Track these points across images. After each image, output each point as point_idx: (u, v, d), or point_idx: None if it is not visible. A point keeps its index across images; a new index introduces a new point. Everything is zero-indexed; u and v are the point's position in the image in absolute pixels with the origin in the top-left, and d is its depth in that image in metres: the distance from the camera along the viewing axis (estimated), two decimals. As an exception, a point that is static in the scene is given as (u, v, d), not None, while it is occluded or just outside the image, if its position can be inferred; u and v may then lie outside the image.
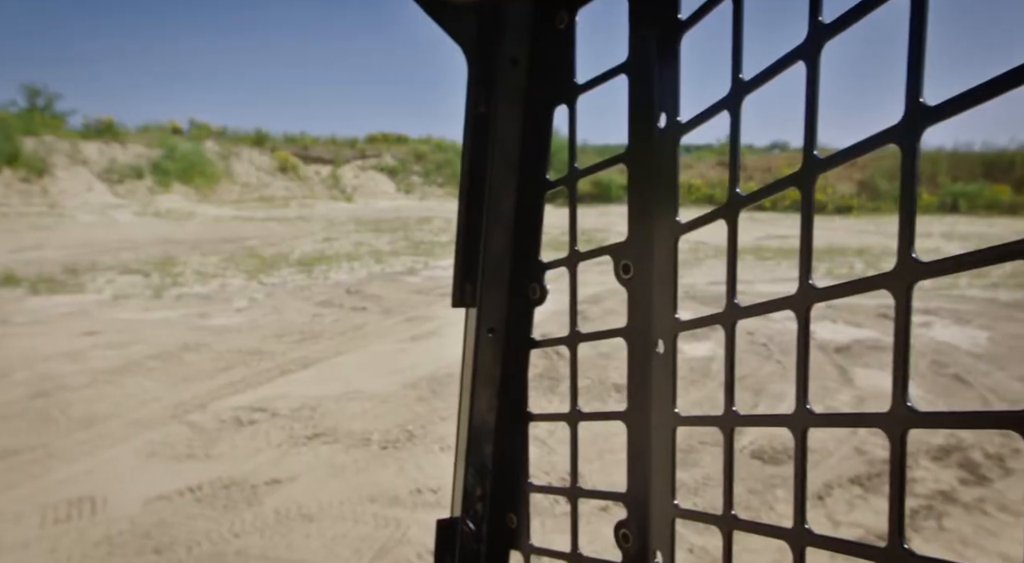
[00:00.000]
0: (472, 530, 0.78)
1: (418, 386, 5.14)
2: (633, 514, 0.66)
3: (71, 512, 3.28)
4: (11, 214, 17.54)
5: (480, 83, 0.73)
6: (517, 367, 0.77)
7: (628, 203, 0.65)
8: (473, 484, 0.78)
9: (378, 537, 3.07)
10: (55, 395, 4.86)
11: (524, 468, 0.77)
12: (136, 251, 12.48)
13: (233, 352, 6.00)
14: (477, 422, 0.78)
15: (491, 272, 0.75)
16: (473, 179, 0.74)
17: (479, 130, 0.74)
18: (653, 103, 0.61)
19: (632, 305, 0.65)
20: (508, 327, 0.76)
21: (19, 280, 9.24)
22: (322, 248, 13.42)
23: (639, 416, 0.66)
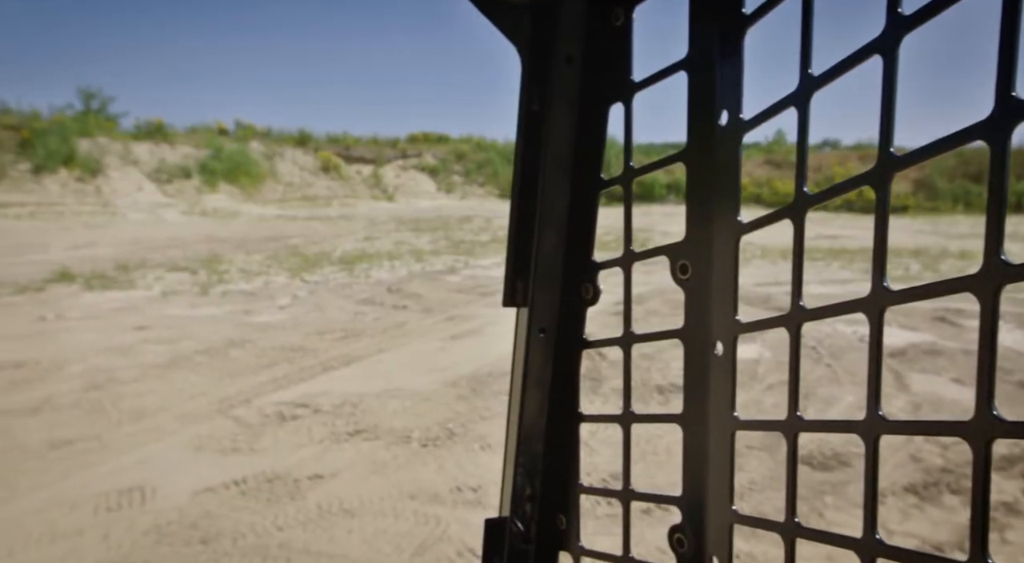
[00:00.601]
0: (521, 530, 0.77)
1: (458, 385, 5.15)
2: (688, 518, 0.64)
3: (122, 501, 3.36)
4: (67, 213, 18.15)
5: (534, 81, 0.71)
6: (569, 367, 0.75)
7: (686, 202, 0.63)
8: (522, 484, 0.77)
9: (418, 534, 3.07)
10: (107, 388, 5.00)
11: (575, 469, 0.76)
12: (184, 249, 12.79)
13: (276, 349, 6.09)
14: (527, 422, 0.77)
15: (543, 272, 0.74)
16: (526, 178, 0.73)
17: (532, 129, 0.72)
18: (714, 100, 0.59)
19: (689, 306, 0.63)
20: (560, 327, 0.75)
21: (74, 276, 9.55)
22: (363, 247, 13.58)
23: (696, 419, 0.63)
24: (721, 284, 0.61)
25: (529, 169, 0.73)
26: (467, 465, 3.79)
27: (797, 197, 0.54)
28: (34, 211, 17.71)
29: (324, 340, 6.41)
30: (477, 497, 3.41)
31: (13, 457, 3.82)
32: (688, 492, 0.64)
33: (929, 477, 3.55)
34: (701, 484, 0.63)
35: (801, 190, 0.53)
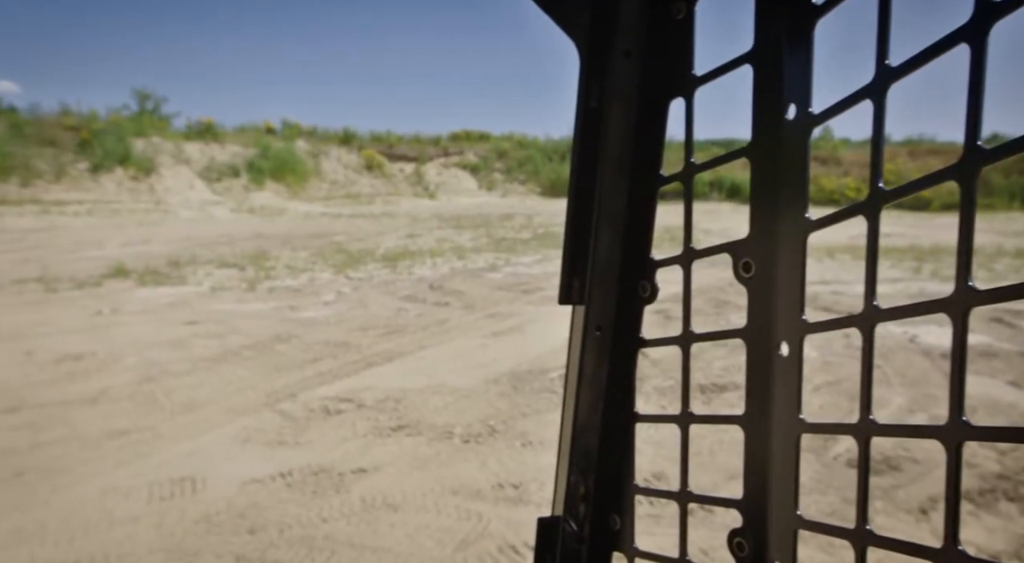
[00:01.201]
0: (574, 530, 0.77)
1: (500, 382, 5.17)
2: (750, 522, 0.63)
3: (174, 490, 3.47)
4: (122, 210, 18.76)
5: (592, 76, 0.71)
6: (625, 366, 0.75)
7: (751, 199, 0.62)
8: (576, 483, 0.77)
9: (460, 529, 3.10)
10: (160, 380, 5.16)
11: (630, 469, 0.75)
12: (232, 246, 13.09)
13: (321, 344, 6.20)
14: (582, 421, 0.77)
15: (600, 269, 0.74)
16: (583, 174, 0.73)
17: (590, 124, 0.72)
18: (782, 94, 0.58)
19: (753, 305, 0.62)
20: (616, 325, 0.74)
21: (128, 272, 9.86)
22: (406, 244, 13.71)
23: (758, 421, 0.63)
24: (787, 283, 0.60)
25: (586, 166, 0.73)
26: (508, 462, 3.81)
27: (872, 192, 0.53)
28: (91, 209, 18.34)
29: (367, 336, 6.50)
30: (518, 494, 3.42)
31: (73, 446, 3.98)
32: (750, 495, 0.63)
33: (984, 483, 3.44)
34: (763, 487, 0.62)
35: (877, 185, 0.52)
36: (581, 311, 0.76)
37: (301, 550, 2.92)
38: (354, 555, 2.88)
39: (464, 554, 2.90)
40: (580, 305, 0.76)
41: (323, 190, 25.50)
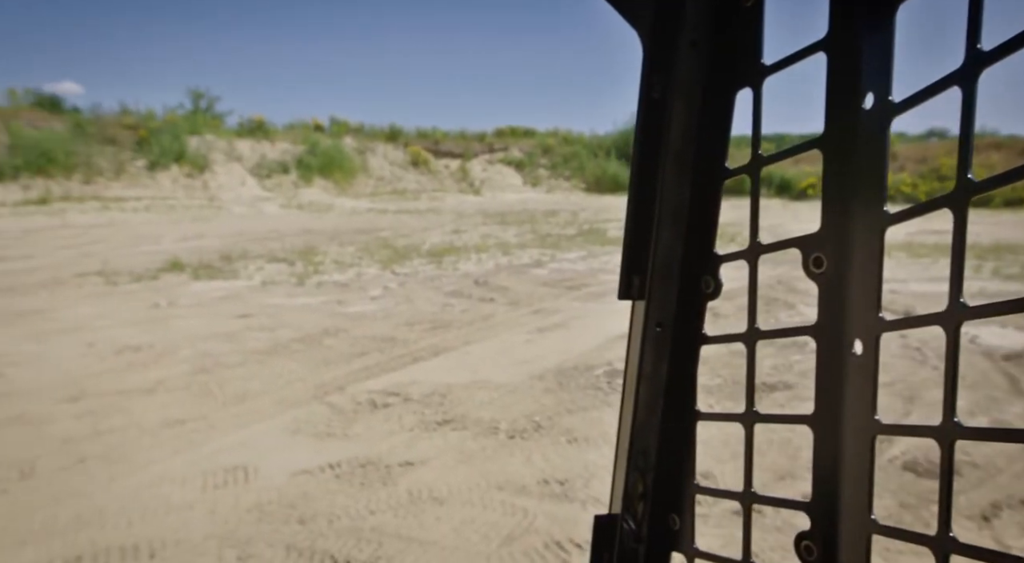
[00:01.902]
0: (632, 529, 0.75)
1: (545, 378, 5.16)
2: (818, 526, 0.61)
3: (227, 479, 3.56)
4: (177, 206, 19.32)
5: (656, 68, 0.69)
6: (686, 363, 0.73)
7: (823, 192, 0.59)
8: (634, 482, 0.76)
9: (505, 524, 3.10)
10: (214, 372, 5.29)
11: (690, 468, 0.73)
12: (282, 241, 13.36)
13: (368, 338, 6.28)
14: (641, 418, 0.75)
15: (662, 264, 0.72)
16: (645, 167, 0.71)
17: (653, 117, 0.70)
18: (859, 82, 0.56)
19: (824, 302, 0.60)
20: (678, 322, 0.72)
21: (184, 266, 10.15)
22: (451, 240, 13.80)
23: (829, 421, 0.60)
24: (862, 279, 0.57)
25: (649, 159, 0.71)
26: (554, 458, 3.79)
27: (959, 184, 0.50)
28: (149, 205, 18.94)
29: (413, 331, 6.55)
30: (564, 491, 3.41)
31: (131, 434, 4.11)
32: (819, 498, 0.61)
33: (1052, 491, 3.29)
34: (834, 490, 0.60)
35: (965, 177, 0.50)
36: (641, 307, 0.74)
37: (349, 541, 2.96)
38: (401, 547, 2.91)
39: (510, 549, 2.90)
40: (640, 301, 0.74)
41: (370, 186, 25.83)
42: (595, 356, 5.70)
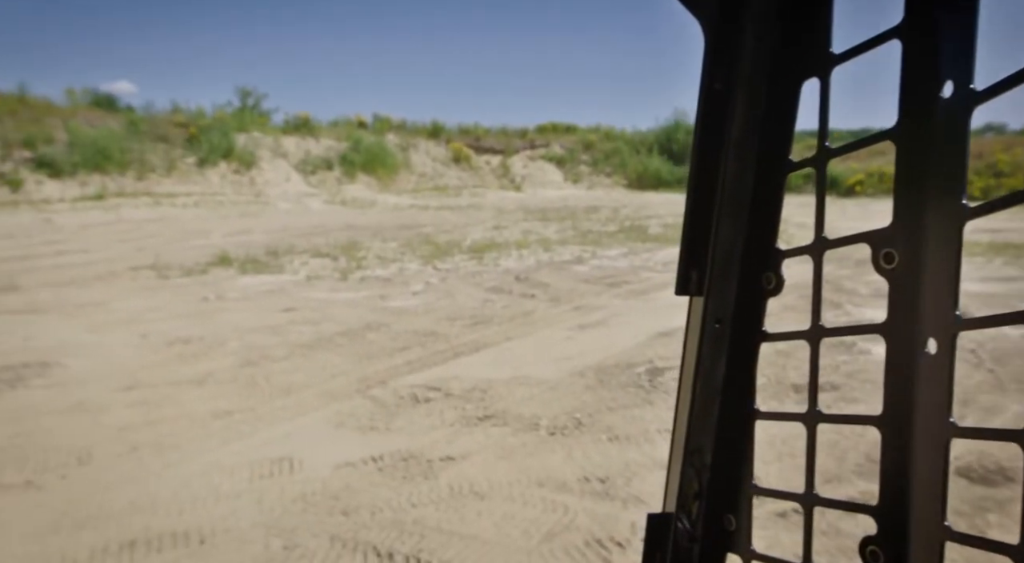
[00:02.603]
0: (687, 528, 0.74)
1: (585, 375, 5.14)
2: (886, 531, 0.60)
3: (273, 470, 3.64)
4: (225, 202, 19.77)
5: (718, 58, 0.68)
6: (745, 361, 0.72)
7: (895, 185, 0.58)
8: (690, 481, 0.75)
9: (546, 521, 3.11)
10: (260, 364, 5.41)
11: (748, 468, 0.72)
12: (326, 236, 13.57)
13: (410, 333, 6.34)
14: (697, 416, 0.74)
15: (721, 259, 0.71)
16: (705, 160, 0.70)
17: (714, 108, 0.69)
18: (937, 71, 0.53)
19: (895, 299, 0.58)
20: (737, 318, 0.71)
21: (231, 260, 10.39)
22: (492, 236, 13.83)
23: (899, 423, 0.58)
24: (938, 275, 0.55)
25: (709, 152, 0.70)
26: (594, 456, 3.78)
27: None
28: (198, 200, 19.42)
29: (455, 326, 6.60)
30: (605, 488, 3.40)
31: (183, 424, 4.23)
32: (887, 502, 0.59)
33: (1116, 501, 3.15)
34: (904, 494, 0.58)
35: None
36: (700, 303, 0.73)
37: (392, 533, 3.00)
38: (442, 540, 2.93)
39: (550, 546, 2.90)
40: (699, 296, 0.73)
41: (412, 182, 26.05)
42: (636, 354, 5.66)
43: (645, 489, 3.39)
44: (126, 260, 10.57)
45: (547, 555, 2.84)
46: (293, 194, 21.82)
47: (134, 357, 5.61)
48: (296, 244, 12.37)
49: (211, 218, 16.98)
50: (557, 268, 9.98)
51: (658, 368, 5.26)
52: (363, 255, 11.18)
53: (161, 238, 13.24)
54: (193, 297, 7.97)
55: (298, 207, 20.09)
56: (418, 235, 13.90)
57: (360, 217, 17.77)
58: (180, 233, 14.06)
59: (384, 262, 10.51)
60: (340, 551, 2.87)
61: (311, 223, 16.11)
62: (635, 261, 10.68)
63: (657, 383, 4.93)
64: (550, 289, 8.44)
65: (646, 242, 12.85)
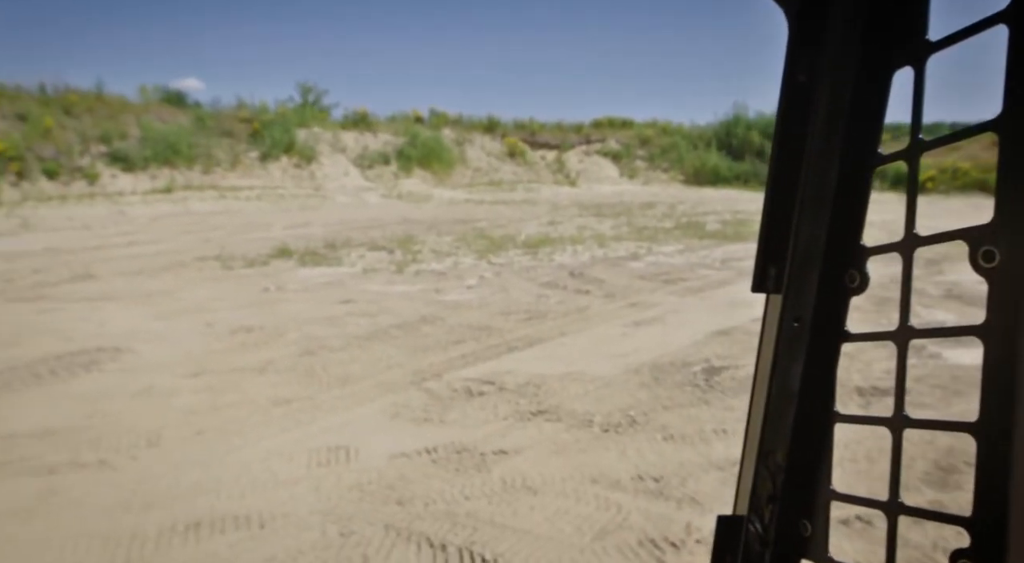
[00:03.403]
0: (759, 532, 0.72)
1: (640, 372, 5.09)
2: (980, 545, 0.56)
3: (330, 458, 3.71)
4: (286, 195, 20.26)
5: (803, 47, 0.65)
6: (825, 361, 0.69)
7: (998, 179, 0.54)
8: (763, 483, 0.72)
9: (599, 519, 3.09)
10: (318, 354, 5.53)
11: (826, 472, 0.69)
12: (382, 229, 13.77)
13: (464, 327, 6.38)
14: (773, 417, 0.72)
15: (802, 256, 0.68)
16: (788, 153, 0.68)
17: (798, 99, 0.67)
18: None
19: (995, 299, 0.55)
20: (818, 317, 0.68)
21: (291, 252, 10.65)
22: (546, 231, 13.81)
23: (997, 430, 0.55)
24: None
25: (791, 144, 0.67)
26: (649, 454, 3.74)
27: None
28: (260, 194, 19.96)
29: (509, 320, 6.61)
30: (659, 488, 3.35)
31: (244, 410, 4.36)
32: (982, 514, 0.56)
33: None
34: (1002, 506, 0.55)
35: None
36: (778, 300, 0.71)
37: (445, 524, 3.03)
38: (495, 534, 2.95)
39: (603, 543, 2.88)
40: (776, 294, 0.71)
41: (467, 177, 26.20)
42: (692, 352, 5.57)
43: (700, 490, 3.34)
44: (192, 251, 10.95)
45: (599, 553, 2.82)
46: (351, 188, 22.21)
47: (200, 344, 5.81)
48: (353, 237, 12.60)
49: (272, 211, 17.44)
50: (612, 264, 9.90)
51: (715, 367, 5.16)
52: (418, 249, 11.30)
53: (225, 230, 13.66)
54: (255, 287, 8.20)
55: (355, 201, 20.45)
56: (473, 230, 13.97)
57: (415, 211, 17.98)
58: (243, 225, 14.48)
59: (439, 256, 10.61)
60: (395, 540, 2.91)
61: (368, 217, 16.37)
62: (692, 258, 10.51)
63: (714, 382, 4.85)
64: (605, 285, 8.38)
65: (703, 239, 12.62)
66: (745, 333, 6.04)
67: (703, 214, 17.25)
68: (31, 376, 4.95)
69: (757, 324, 3.26)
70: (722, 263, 10.06)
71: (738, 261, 10.23)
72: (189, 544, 2.89)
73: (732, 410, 4.36)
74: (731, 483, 3.40)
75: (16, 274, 8.95)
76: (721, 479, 3.45)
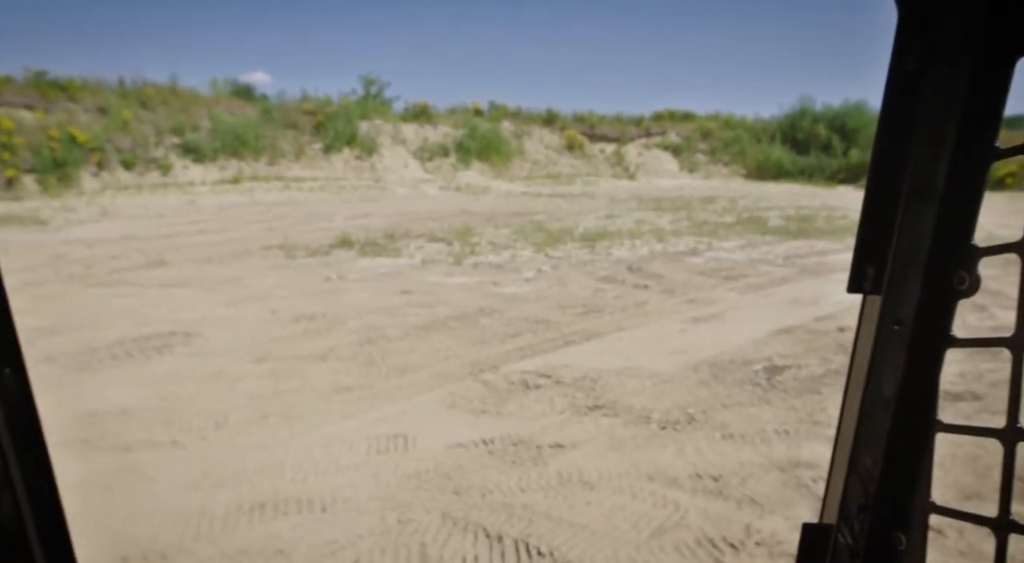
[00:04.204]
0: (848, 543, 0.70)
1: (699, 369, 5.00)
2: None
3: (389, 445, 3.78)
4: (347, 187, 20.66)
5: (912, 35, 0.61)
6: (927, 367, 0.66)
7: None
8: (855, 492, 0.70)
9: (656, 516, 3.06)
10: (377, 343, 5.63)
11: (925, 483, 0.66)
12: (440, 221, 13.90)
13: (521, 319, 6.40)
14: (868, 423, 0.69)
15: (905, 255, 0.65)
16: (892, 146, 0.64)
17: (906, 89, 0.63)
18: None
19: None
20: (920, 320, 0.65)
21: (352, 243, 10.85)
22: (604, 224, 13.70)
23: None
24: None
25: (897, 137, 0.64)
26: (707, 453, 3.68)
27: None
28: (323, 185, 20.40)
29: (566, 314, 6.59)
30: (718, 487, 3.30)
31: (307, 396, 4.47)
32: None
33: None
34: None
35: None
36: (876, 302, 0.67)
37: (501, 515, 3.05)
38: (551, 527, 2.95)
39: (660, 541, 2.86)
40: (875, 295, 0.67)
41: (525, 169, 26.20)
42: (753, 350, 5.45)
43: (761, 491, 3.27)
44: (258, 240, 11.28)
45: (656, 550, 2.79)
46: (410, 180, 22.49)
47: (264, 331, 5.98)
48: (412, 228, 12.75)
49: (334, 202, 17.80)
50: (671, 259, 9.76)
51: (777, 366, 5.04)
52: (476, 241, 11.37)
53: (289, 220, 14.02)
54: (317, 277, 8.39)
55: (415, 192, 20.69)
56: (530, 222, 13.97)
57: (474, 203, 18.08)
58: (306, 215, 14.83)
59: (496, 248, 10.64)
60: (451, 529, 2.94)
61: (427, 208, 16.55)
62: (753, 254, 10.26)
63: (776, 382, 4.73)
64: (663, 280, 8.27)
65: (766, 235, 12.32)
66: (809, 332, 5.88)
67: (765, 209, 16.82)
68: (110, 358, 5.20)
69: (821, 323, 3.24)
70: (785, 260, 9.79)
71: (801, 258, 9.94)
72: (254, 524, 2.99)
73: (795, 410, 4.25)
74: (793, 486, 3.32)
75: (96, 260, 9.39)
76: (783, 481, 3.37)
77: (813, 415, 4.17)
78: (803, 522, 0.74)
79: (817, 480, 3.37)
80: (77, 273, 8.54)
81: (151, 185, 17.94)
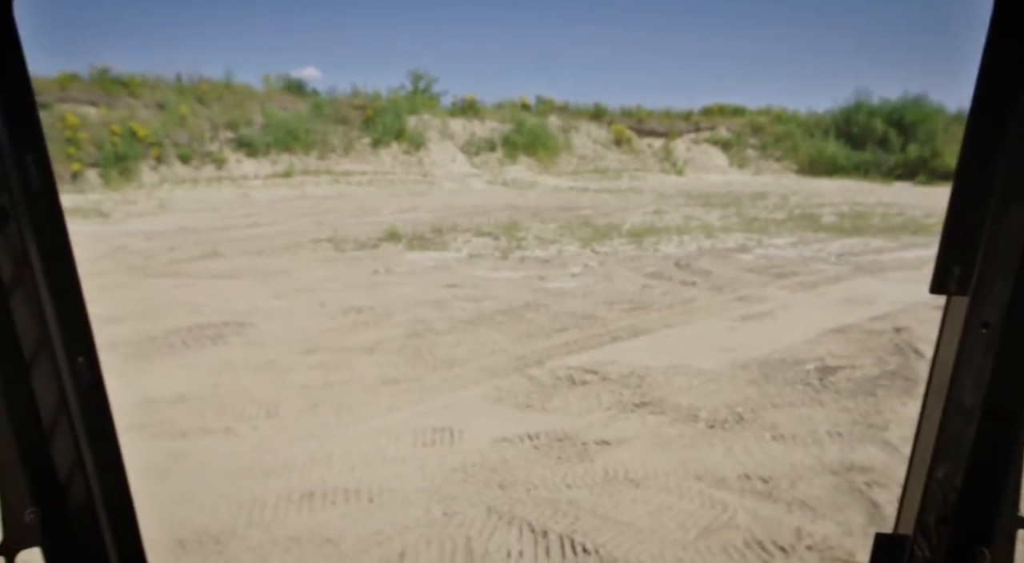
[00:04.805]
0: (926, 556, 0.67)
1: (748, 368, 4.91)
2: None
3: (435, 438, 3.81)
4: (396, 181, 20.88)
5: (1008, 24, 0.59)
6: (1018, 372, 0.62)
7: None
8: (934, 502, 0.67)
9: (703, 516, 3.01)
10: (425, 337, 5.68)
11: (1013, 496, 0.63)
12: (487, 216, 13.94)
13: (568, 314, 6.37)
14: (949, 431, 0.66)
15: (995, 255, 0.61)
16: (982, 140, 0.61)
17: (999, 80, 0.60)
18: None
19: None
20: (1011, 323, 0.62)
21: (400, 236, 10.96)
22: (652, 220, 13.55)
23: None
24: None
25: (988, 132, 0.61)
26: (756, 453, 3.61)
27: None
28: (371, 179, 20.66)
29: (612, 310, 6.55)
30: (767, 489, 3.23)
31: (355, 388, 4.54)
32: None
33: None
34: None
35: None
36: (962, 303, 0.64)
37: (546, 511, 3.04)
38: (596, 524, 2.93)
39: (707, 542, 2.81)
40: (961, 296, 0.64)
41: (572, 164, 26.08)
42: (805, 350, 5.32)
43: (812, 494, 3.19)
44: (308, 233, 11.49)
45: (703, 551, 2.75)
46: (457, 174, 22.60)
47: (314, 323, 6.09)
48: (459, 223, 12.82)
49: (382, 196, 18.01)
50: (719, 255, 9.60)
51: (830, 367, 4.91)
52: (523, 236, 11.36)
53: (338, 213, 14.24)
54: (365, 270, 8.51)
55: (462, 187, 20.80)
56: (577, 217, 13.90)
57: (520, 198, 18.08)
58: (355, 209, 15.04)
59: (543, 243, 10.63)
60: (496, 523, 2.95)
61: (473, 203, 16.62)
62: (805, 252, 10.02)
63: (828, 382, 4.61)
64: (712, 277, 8.14)
65: (818, 232, 12.01)
66: (863, 332, 5.71)
67: (818, 205, 16.40)
68: (166, 346, 5.36)
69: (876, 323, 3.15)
70: (838, 258, 9.54)
71: (856, 256, 9.67)
72: (303, 512, 3.05)
73: (848, 412, 4.14)
74: (846, 490, 3.24)
75: (154, 252, 9.70)
76: (835, 485, 3.28)
77: (868, 417, 4.06)
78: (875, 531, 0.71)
79: (871, 485, 3.28)
80: (137, 264, 8.83)
81: (206, 179, 18.43)
